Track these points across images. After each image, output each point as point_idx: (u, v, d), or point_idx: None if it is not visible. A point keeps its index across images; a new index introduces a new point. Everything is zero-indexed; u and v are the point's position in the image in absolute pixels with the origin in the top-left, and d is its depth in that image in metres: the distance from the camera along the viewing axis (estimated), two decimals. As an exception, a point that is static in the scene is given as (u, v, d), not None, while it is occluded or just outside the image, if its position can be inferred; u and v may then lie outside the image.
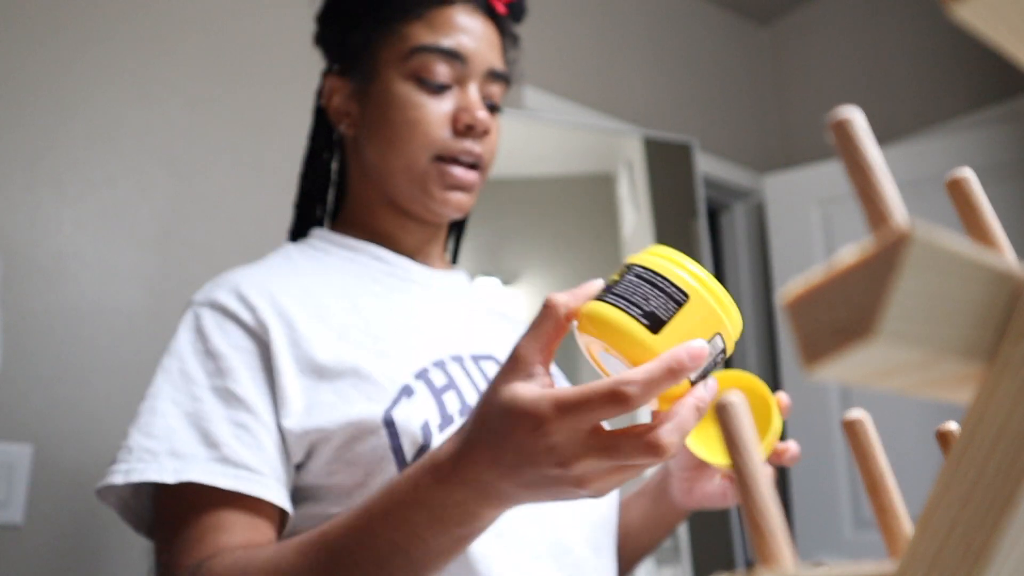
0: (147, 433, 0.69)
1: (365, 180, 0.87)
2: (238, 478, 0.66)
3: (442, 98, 0.82)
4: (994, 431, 0.18)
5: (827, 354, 0.19)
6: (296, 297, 0.77)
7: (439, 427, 0.70)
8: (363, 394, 0.70)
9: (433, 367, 0.74)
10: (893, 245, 0.18)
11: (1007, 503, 0.17)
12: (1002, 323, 0.19)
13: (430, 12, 0.82)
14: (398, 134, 0.81)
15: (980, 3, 0.19)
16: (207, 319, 0.75)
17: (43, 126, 1.49)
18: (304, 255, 0.86)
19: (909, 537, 0.19)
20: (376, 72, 0.84)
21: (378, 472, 0.68)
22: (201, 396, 0.70)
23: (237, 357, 0.72)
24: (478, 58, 0.83)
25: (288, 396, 0.70)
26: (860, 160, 0.20)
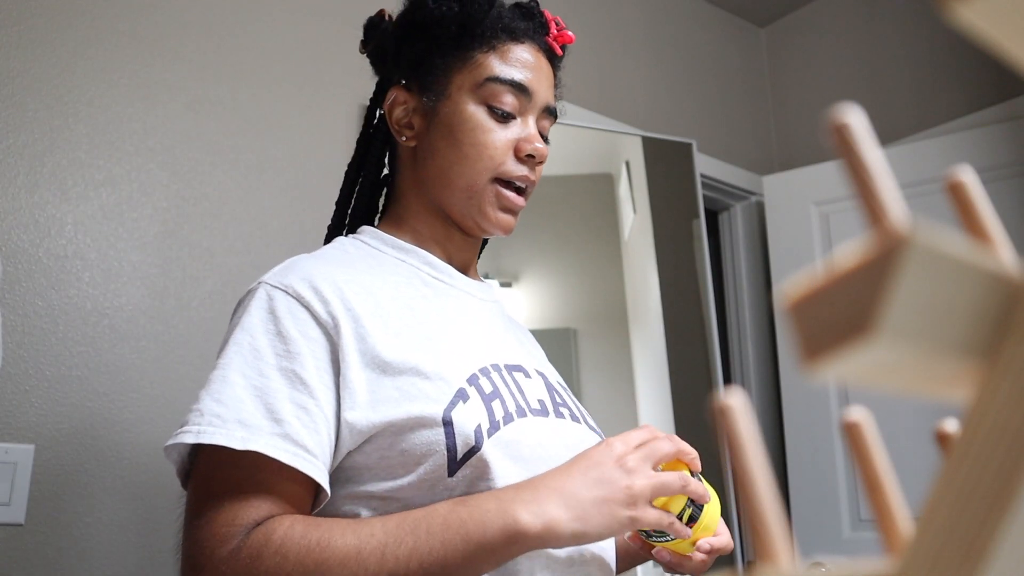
0: (217, 400, 0.74)
1: (419, 189, 0.93)
2: (296, 455, 0.72)
3: (507, 126, 0.90)
4: (995, 431, 0.18)
5: (827, 353, 0.19)
6: (359, 294, 0.82)
7: (488, 432, 0.77)
8: (423, 392, 0.76)
9: (480, 374, 0.82)
10: (893, 245, 0.18)
11: (1007, 503, 0.17)
12: (1002, 323, 0.19)
13: (503, 46, 0.90)
14: (465, 153, 0.88)
15: (980, 4, 0.19)
16: (280, 302, 0.79)
17: (45, 127, 1.49)
18: (359, 251, 0.91)
19: (908, 537, 0.19)
20: (448, 93, 0.90)
21: (425, 461, 0.75)
22: (268, 373, 0.75)
23: (306, 344, 0.77)
24: (540, 94, 0.91)
25: (353, 389, 0.76)
26: (859, 159, 0.20)
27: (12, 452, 1.34)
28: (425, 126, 0.92)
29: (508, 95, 0.89)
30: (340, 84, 1.85)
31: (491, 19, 0.90)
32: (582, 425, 0.90)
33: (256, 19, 1.77)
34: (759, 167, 2.69)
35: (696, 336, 2.22)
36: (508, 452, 0.78)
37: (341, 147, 1.83)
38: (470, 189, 0.89)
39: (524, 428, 0.80)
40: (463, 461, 0.75)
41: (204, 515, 0.72)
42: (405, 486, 0.75)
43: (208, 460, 0.74)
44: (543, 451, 0.81)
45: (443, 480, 0.75)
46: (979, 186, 0.24)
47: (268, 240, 1.69)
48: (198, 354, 1.55)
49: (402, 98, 0.94)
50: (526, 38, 0.92)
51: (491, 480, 0.75)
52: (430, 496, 0.75)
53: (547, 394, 0.88)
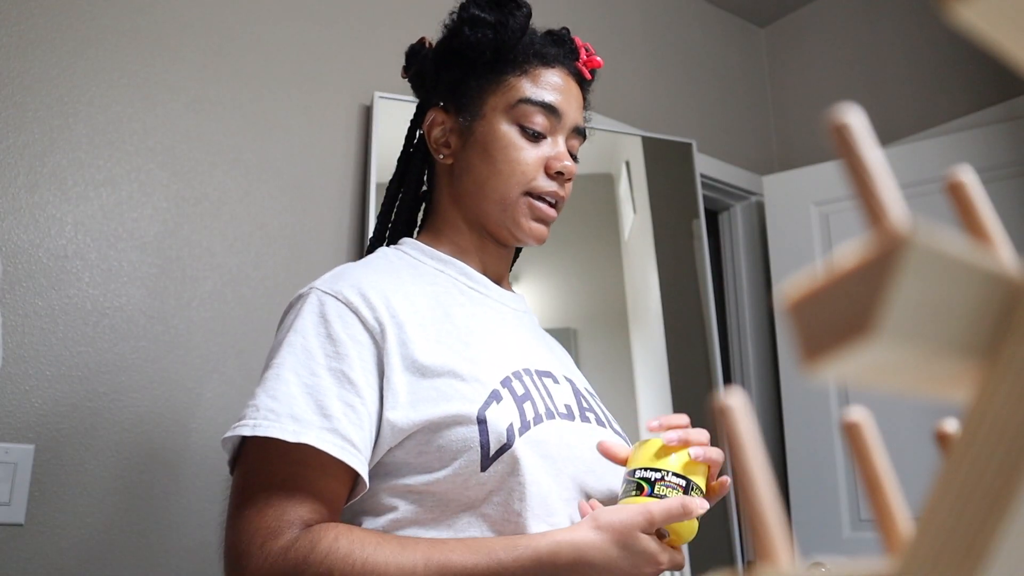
0: (272, 396, 0.80)
1: (456, 203, 1.00)
2: (344, 449, 0.78)
3: (538, 145, 0.96)
4: (995, 431, 0.18)
5: (827, 353, 0.19)
6: (402, 301, 0.88)
7: (519, 431, 0.82)
8: (459, 393, 0.82)
9: (513, 377, 0.87)
10: (893, 245, 0.18)
11: (1007, 503, 0.17)
12: (1002, 323, 0.19)
13: (535, 70, 0.97)
14: (498, 169, 0.95)
15: (980, 4, 0.19)
16: (331, 307, 0.85)
17: (45, 127, 1.49)
18: (401, 262, 0.97)
19: (908, 537, 0.19)
20: (483, 114, 0.97)
21: (458, 458, 0.80)
22: (319, 373, 0.81)
23: (354, 347, 0.83)
24: (569, 115, 0.97)
25: (396, 390, 0.82)
26: (859, 159, 0.20)
27: (12, 452, 1.34)
28: (461, 145, 0.98)
29: (539, 116, 0.95)
30: (340, 84, 1.85)
31: (523, 45, 0.97)
32: (607, 429, 0.95)
33: (256, 19, 1.77)
34: (759, 167, 2.69)
35: (696, 336, 2.22)
36: (537, 450, 0.82)
37: (341, 147, 1.83)
38: (503, 202, 0.95)
39: (552, 429, 0.85)
40: (495, 457, 0.80)
41: (253, 505, 0.78)
42: (441, 479, 0.80)
43: (259, 452, 0.80)
44: (569, 451, 0.86)
45: (476, 475, 0.80)
46: (979, 186, 0.24)
47: (268, 240, 1.69)
48: (198, 354, 1.55)
49: (440, 119, 1.00)
50: (556, 63, 0.98)
51: (520, 475, 0.80)
52: (463, 490, 0.80)
53: (574, 399, 0.94)
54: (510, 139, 0.95)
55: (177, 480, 1.48)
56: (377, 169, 1.81)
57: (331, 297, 0.86)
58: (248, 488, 0.79)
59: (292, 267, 1.70)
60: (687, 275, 2.25)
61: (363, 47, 1.91)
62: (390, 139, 1.85)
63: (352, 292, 0.86)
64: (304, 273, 1.71)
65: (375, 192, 1.78)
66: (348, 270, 0.91)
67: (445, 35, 0.99)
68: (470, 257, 1.00)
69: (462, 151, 0.98)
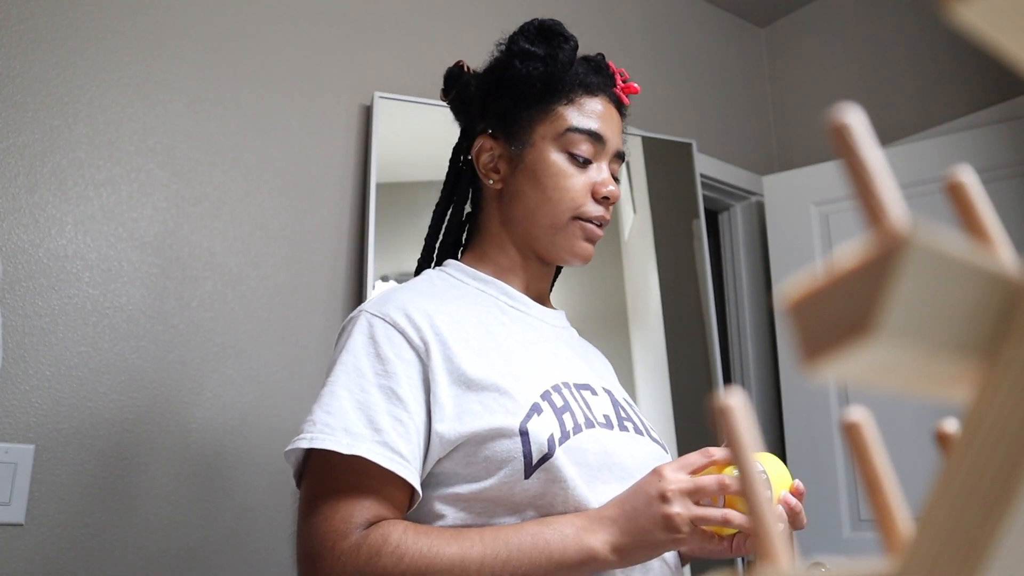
0: (327, 411, 0.86)
1: (504, 225, 1.05)
2: (393, 460, 0.83)
3: (585, 171, 1.01)
4: (995, 432, 0.18)
5: (827, 353, 0.19)
6: (446, 321, 0.93)
7: (559, 440, 0.87)
8: (503, 407, 0.87)
9: (552, 390, 0.92)
10: (893, 245, 0.18)
11: (1007, 503, 0.17)
12: (1002, 323, 0.19)
13: (581, 99, 1.02)
14: (549, 196, 1.00)
15: (980, 4, 0.19)
16: (379, 329, 0.91)
17: (45, 127, 1.49)
18: (445, 283, 1.03)
19: (908, 537, 0.19)
20: (533, 142, 1.02)
21: (504, 466, 0.85)
22: (369, 390, 0.87)
23: (400, 365, 0.88)
24: (612, 141, 1.03)
25: (442, 404, 0.87)
26: (859, 159, 0.20)
27: (12, 452, 1.34)
28: (511, 171, 1.03)
29: (585, 143, 1.00)
30: (340, 84, 1.85)
31: (572, 76, 1.02)
32: (645, 437, 0.99)
33: (256, 19, 1.77)
34: (759, 167, 2.69)
35: (696, 336, 2.22)
36: (576, 459, 0.88)
37: (341, 147, 1.83)
38: (555, 226, 1.01)
39: (591, 438, 0.90)
40: (537, 466, 0.85)
41: (321, 512, 0.84)
42: (487, 488, 0.86)
43: (321, 464, 0.86)
44: (608, 459, 0.90)
45: (520, 482, 0.85)
46: (979, 186, 0.24)
47: (268, 240, 1.69)
48: (198, 354, 1.55)
49: (488, 145, 1.05)
50: (599, 91, 1.03)
51: (562, 482, 0.85)
52: (509, 496, 0.86)
53: (612, 409, 0.98)
54: (560, 167, 1.00)
55: (177, 480, 1.48)
56: (377, 169, 1.80)
57: (379, 319, 0.92)
58: (315, 497, 0.85)
59: (292, 267, 1.70)
60: (687, 275, 2.25)
61: (363, 47, 1.91)
62: (390, 139, 1.85)
63: (398, 313, 0.92)
64: (304, 273, 1.71)
65: (375, 192, 1.78)
66: (395, 293, 0.97)
67: (495, 66, 1.04)
68: (513, 276, 1.05)
69: (512, 177, 1.03)
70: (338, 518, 0.82)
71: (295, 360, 1.65)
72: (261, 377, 1.61)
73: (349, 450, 0.82)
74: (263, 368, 1.61)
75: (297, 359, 1.66)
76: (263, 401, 1.60)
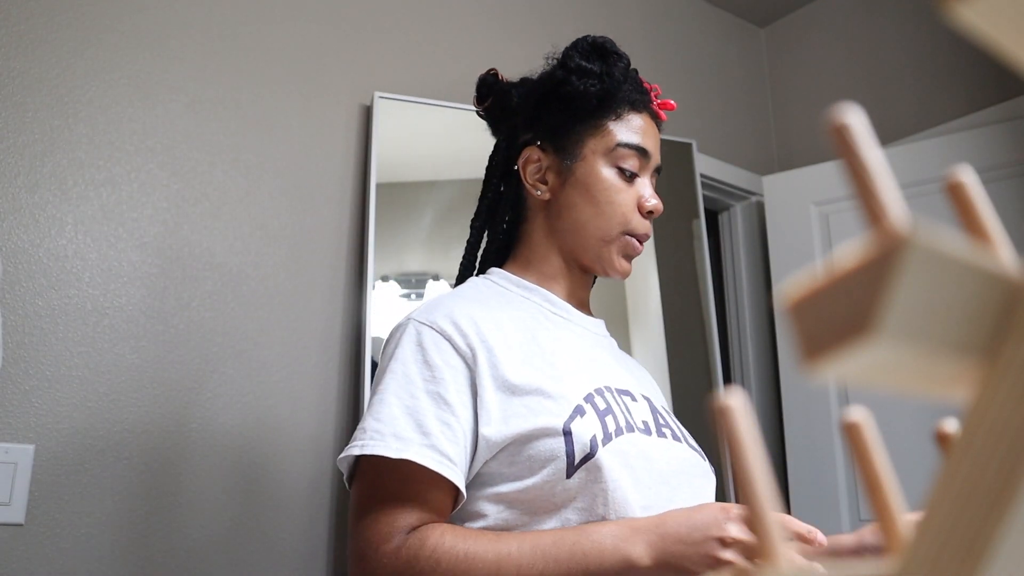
0: (377, 419, 0.89)
1: (550, 236, 1.07)
2: (442, 463, 0.86)
3: (632, 185, 1.05)
4: (995, 431, 0.18)
5: (827, 353, 0.19)
6: (491, 328, 0.96)
7: (602, 441, 0.88)
8: (547, 409, 0.89)
9: (595, 393, 0.94)
10: (893, 245, 0.18)
11: (1007, 503, 0.17)
12: (1002, 323, 0.19)
13: (627, 115, 1.05)
14: (601, 210, 1.03)
15: (980, 4, 0.19)
16: (427, 336, 0.94)
17: (45, 127, 1.49)
18: (490, 290, 1.05)
19: (908, 537, 0.19)
20: (583, 156, 1.04)
21: (547, 466, 0.87)
22: (418, 395, 0.90)
23: (448, 371, 0.91)
24: (654, 156, 1.07)
25: (488, 408, 0.90)
26: (859, 159, 0.20)
27: (12, 452, 1.34)
28: (560, 183, 1.06)
29: (633, 158, 1.04)
30: (340, 84, 1.85)
31: (622, 93, 1.05)
32: (683, 444, 1.00)
33: (256, 19, 1.77)
34: (759, 167, 2.69)
35: (696, 336, 2.22)
36: (619, 460, 0.89)
37: (341, 147, 1.83)
38: (604, 240, 1.04)
39: (632, 441, 0.92)
40: (580, 465, 0.87)
41: (369, 516, 0.87)
42: (530, 487, 0.88)
43: (371, 469, 0.90)
44: (647, 463, 0.92)
45: (562, 481, 0.87)
46: (979, 186, 0.24)
47: (268, 240, 1.69)
48: (198, 354, 1.55)
49: (536, 156, 1.07)
50: (642, 107, 1.07)
51: (604, 482, 0.87)
52: (550, 495, 0.87)
53: (651, 416, 1.00)
54: (611, 181, 1.03)
55: (177, 480, 1.48)
56: (377, 169, 1.80)
57: (426, 327, 0.95)
58: (364, 502, 0.89)
59: (292, 267, 1.70)
60: (687, 275, 2.25)
61: (363, 47, 1.91)
62: (390, 139, 1.85)
63: (445, 321, 0.95)
64: (304, 273, 1.71)
65: (375, 192, 1.78)
66: (441, 300, 1.00)
67: (548, 80, 1.06)
68: (555, 284, 1.07)
69: (561, 189, 1.05)
70: (384, 522, 0.86)
71: (295, 360, 1.65)
72: (261, 377, 1.61)
73: (398, 454, 0.86)
74: (263, 368, 1.61)
75: (297, 359, 1.66)
76: (263, 401, 1.60)
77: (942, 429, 0.27)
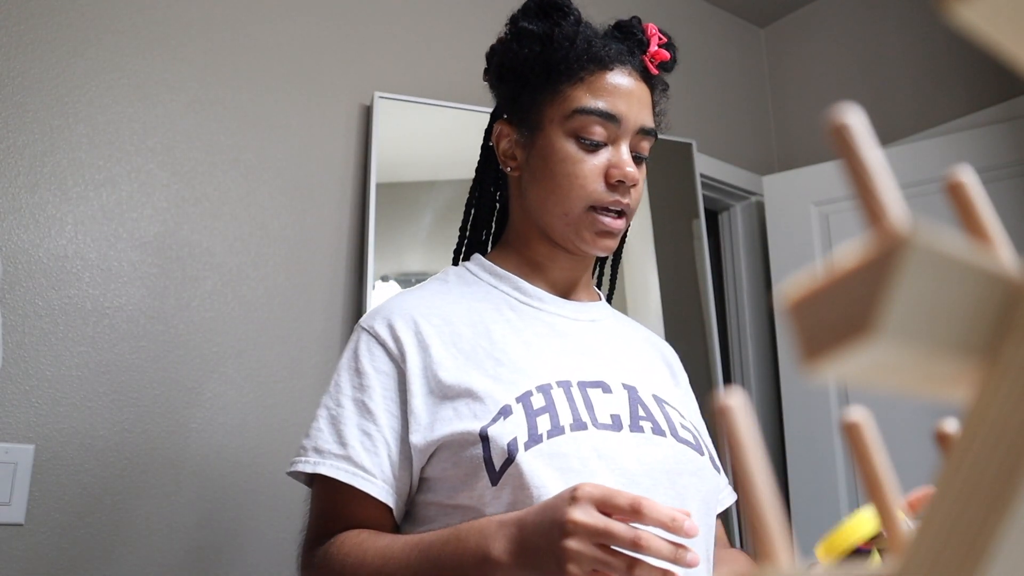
0: (307, 434, 0.89)
1: (524, 215, 0.99)
2: (355, 475, 0.85)
3: (597, 154, 0.93)
4: (995, 431, 0.18)
5: (827, 352, 0.19)
6: (436, 326, 0.91)
7: (525, 444, 0.81)
8: (472, 412, 0.84)
9: (536, 391, 0.86)
10: (893, 245, 0.18)
11: (1007, 503, 0.17)
12: (1002, 323, 0.19)
13: (591, 76, 0.93)
14: (558, 184, 0.93)
15: (980, 4, 0.19)
16: (362, 342, 0.92)
17: (45, 127, 1.49)
18: (459, 280, 1.00)
19: (908, 537, 0.19)
20: (541, 126, 0.95)
21: (475, 475, 0.82)
22: (343, 404, 0.89)
23: (376, 378, 0.89)
24: (630, 118, 0.93)
25: (417, 413, 0.86)
26: (859, 159, 0.20)
27: (12, 452, 1.34)
28: (525, 157, 0.97)
29: (596, 125, 0.92)
30: (340, 84, 1.85)
31: (577, 51, 0.93)
32: (667, 438, 0.89)
33: (256, 19, 1.77)
34: (759, 167, 2.69)
35: (696, 336, 2.22)
36: (553, 463, 0.81)
37: (341, 147, 1.83)
38: (567, 217, 0.93)
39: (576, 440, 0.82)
40: (502, 471, 0.81)
41: (306, 528, 0.90)
42: (464, 495, 0.84)
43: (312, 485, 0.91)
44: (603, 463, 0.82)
45: (489, 489, 0.82)
46: (979, 186, 0.24)
47: (268, 240, 1.69)
48: (198, 354, 1.55)
49: (506, 131, 1.00)
50: (616, 63, 0.94)
51: (529, 488, 0.79)
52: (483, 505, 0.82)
53: (627, 408, 0.89)
54: (568, 152, 0.92)
55: (177, 480, 1.48)
56: (377, 169, 1.80)
57: (364, 332, 0.93)
58: (306, 517, 0.91)
59: (292, 267, 1.70)
60: (687, 275, 2.25)
61: (363, 47, 1.91)
62: (390, 139, 1.85)
63: (382, 325, 0.92)
64: (304, 273, 1.71)
65: (375, 192, 1.78)
66: (390, 301, 0.96)
67: (498, 48, 0.99)
68: (536, 269, 1.00)
69: (526, 164, 0.97)
70: (311, 535, 0.88)
71: (295, 360, 1.65)
72: (261, 377, 1.61)
73: (313, 469, 0.86)
74: (263, 368, 1.61)
75: (297, 359, 1.66)
76: (263, 401, 1.60)
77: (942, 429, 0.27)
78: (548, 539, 0.69)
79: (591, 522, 0.67)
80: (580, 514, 0.68)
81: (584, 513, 0.68)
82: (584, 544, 0.67)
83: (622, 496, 0.68)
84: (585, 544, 0.67)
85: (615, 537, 0.67)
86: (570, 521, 0.68)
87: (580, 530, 0.68)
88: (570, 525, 0.68)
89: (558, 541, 0.68)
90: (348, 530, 0.85)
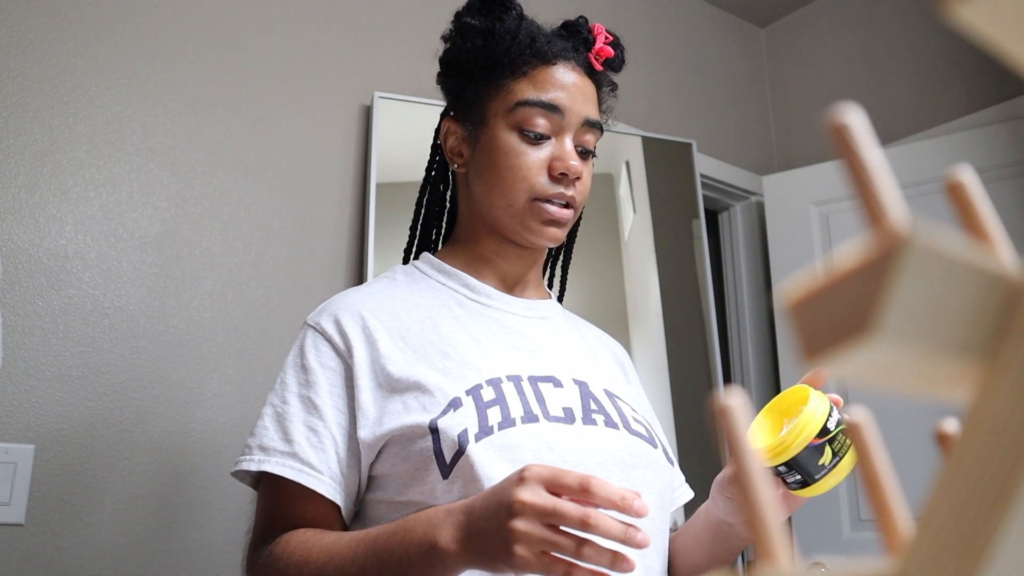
0: (252, 432, 0.88)
1: (472, 211, 1.00)
2: (301, 472, 0.83)
3: (540, 147, 0.93)
4: (995, 431, 0.18)
5: (827, 352, 0.19)
6: (384, 321, 0.91)
7: (476, 436, 0.80)
8: (421, 405, 0.84)
9: (487, 384, 0.86)
10: (893, 245, 0.18)
11: (1007, 503, 0.17)
12: (1002, 323, 0.19)
13: (534, 70, 0.94)
14: (502, 177, 0.93)
15: (980, 4, 0.19)
16: (308, 339, 0.91)
17: (45, 127, 1.49)
18: (407, 278, 1.00)
19: (908, 537, 0.19)
20: (485, 121, 0.96)
21: (425, 468, 0.81)
22: (290, 400, 0.88)
23: (323, 374, 0.88)
24: (574, 111, 0.94)
25: (365, 409, 0.85)
26: (859, 159, 0.20)
27: (12, 452, 1.34)
28: (471, 153, 0.98)
29: (538, 117, 0.93)
30: (340, 84, 1.85)
31: (519, 46, 0.94)
32: (620, 431, 0.89)
33: (256, 19, 1.77)
34: (759, 167, 2.69)
35: (696, 336, 2.22)
36: (504, 456, 0.80)
37: (341, 147, 1.83)
38: (511, 209, 0.94)
39: (527, 433, 0.82)
40: (453, 464, 0.80)
41: (252, 530, 0.89)
42: (414, 490, 0.82)
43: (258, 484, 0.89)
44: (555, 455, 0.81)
45: (440, 483, 0.80)
46: (979, 186, 0.24)
47: (268, 240, 1.69)
48: (198, 354, 1.55)
49: (452, 128, 1.00)
50: (559, 59, 0.95)
51: (481, 481, 0.78)
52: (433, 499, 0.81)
53: (579, 402, 0.89)
54: (510, 145, 0.93)
55: (177, 480, 1.48)
56: (377, 169, 1.81)
57: (311, 329, 0.92)
58: (253, 516, 0.90)
59: (292, 267, 1.70)
60: (687, 275, 2.25)
61: (363, 47, 1.91)
62: (390, 139, 1.85)
63: (328, 321, 0.91)
64: (304, 273, 1.71)
65: (375, 192, 1.78)
66: (336, 298, 0.96)
67: (444, 45, 1.00)
68: (485, 265, 1.00)
69: (472, 160, 0.98)
70: (256, 536, 0.87)
71: (295, 360, 1.65)
72: (261, 377, 1.61)
73: (258, 467, 0.84)
74: (263, 368, 1.61)
75: (297, 359, 1.66)
76: (263, 401, 1.60)
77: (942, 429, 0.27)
78: (495, 522, 0.67)
79: (539, 502, 0.66)
80: (528, 494, 0.66)
81: (532, 493, 0.66)
82: (532, 524, 0.65)
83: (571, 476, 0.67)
84: (533, 524, 0.65)
85: (564, 517, 0.65)
86: (517, 501, 0.66)
87: (528, 510, 0.66)
88: (517, 505, 0.66)
89: (505, 522, 0.66)
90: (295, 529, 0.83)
